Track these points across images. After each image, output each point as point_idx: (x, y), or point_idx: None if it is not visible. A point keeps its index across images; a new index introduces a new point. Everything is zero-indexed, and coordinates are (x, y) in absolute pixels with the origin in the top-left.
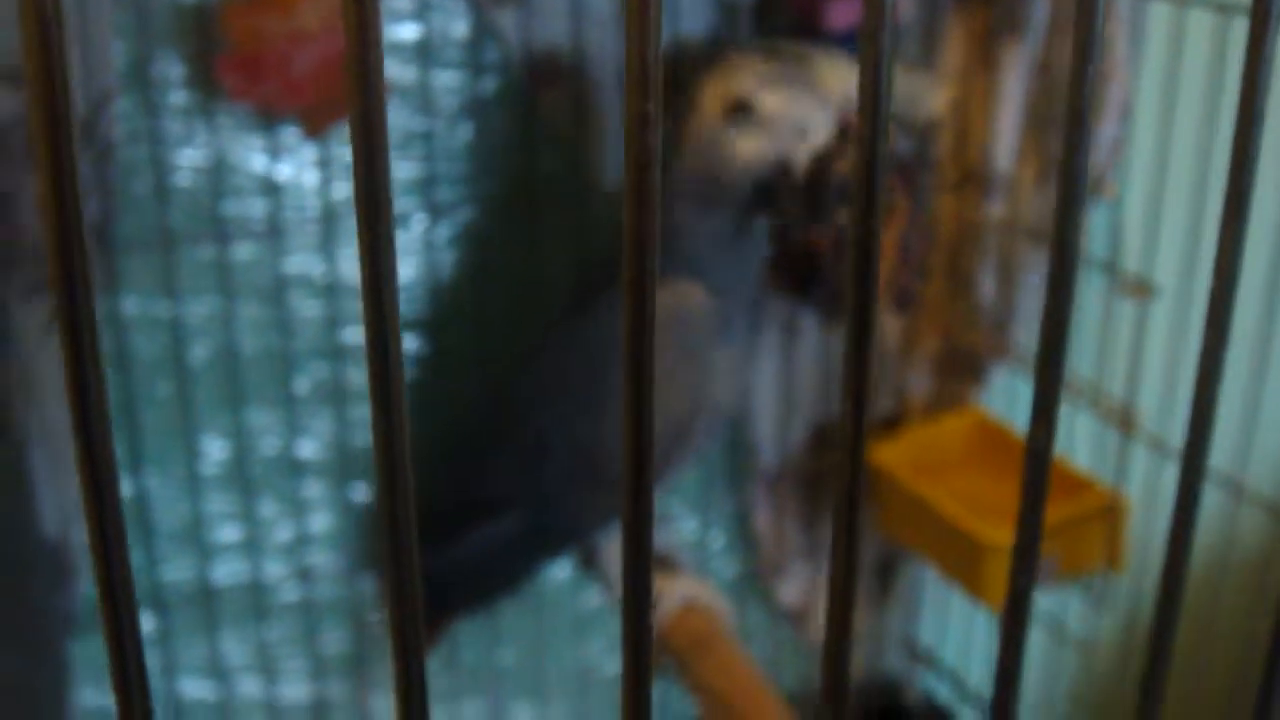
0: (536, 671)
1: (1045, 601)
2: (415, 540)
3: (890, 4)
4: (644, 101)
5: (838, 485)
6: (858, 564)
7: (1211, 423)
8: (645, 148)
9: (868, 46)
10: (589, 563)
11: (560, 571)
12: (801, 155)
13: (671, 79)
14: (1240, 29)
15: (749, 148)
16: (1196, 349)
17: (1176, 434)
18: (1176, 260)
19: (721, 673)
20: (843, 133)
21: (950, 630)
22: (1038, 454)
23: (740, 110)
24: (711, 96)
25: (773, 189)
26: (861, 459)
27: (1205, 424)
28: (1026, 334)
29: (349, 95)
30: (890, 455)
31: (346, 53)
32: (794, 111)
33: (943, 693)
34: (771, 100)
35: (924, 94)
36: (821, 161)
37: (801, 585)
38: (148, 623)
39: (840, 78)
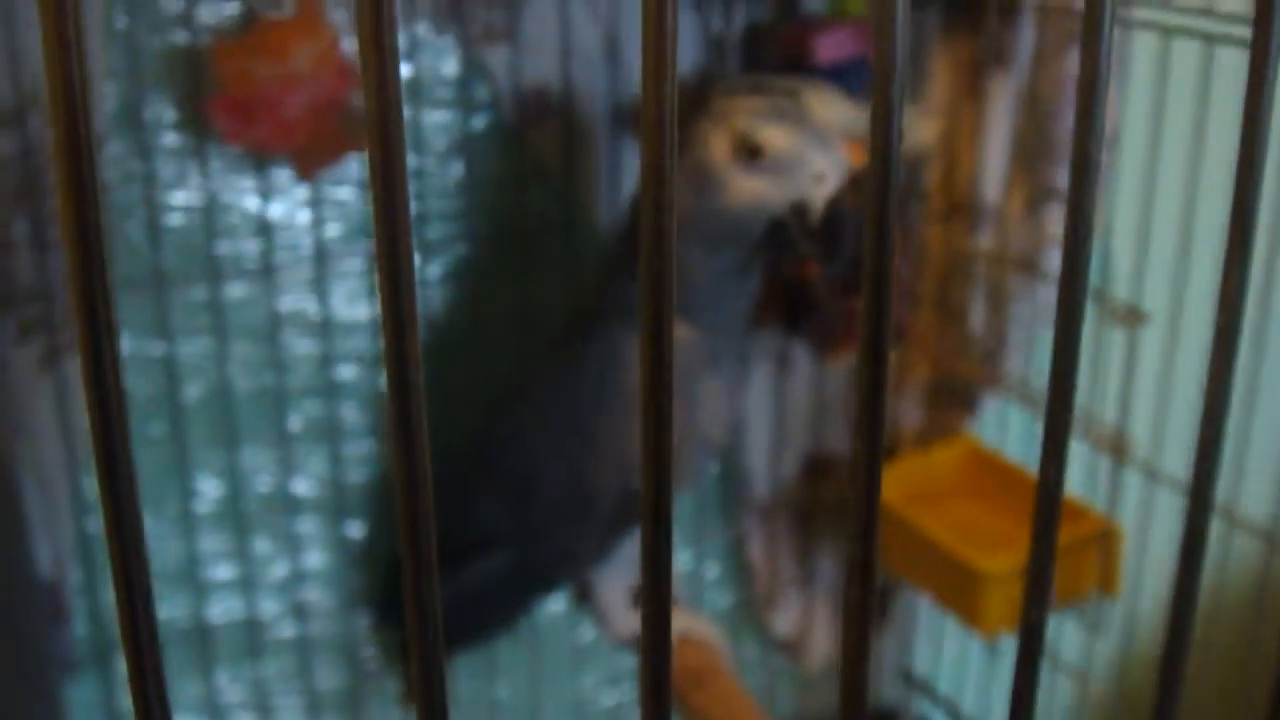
0: (533, 705)
1: None
2: (434, 561)
3: (902, 52)
4: (660, 154)
5: (853, 521)
6: (873, 598)
7: (1219, 455)
8: (661, 202)
9: (879, 96)
10: (582, 597)
11: (555, 605)
12: (817, 197)
13: None
14: (1226, 58)
15: (759, 190)
16: (1187, 375)
17: (1169, 460)
18: (1165, 287)
19: (718, 704)
20: (855, 181)
21: (944, 658)
22: (1049, 492)
23: (751, 153)
24: (715, 137)
25: (789, 230)
26: (877, 494)
27: (1212, 457)
28: (1016, 363)
29: (370, 140)
30: (883, 484)
31: (366, 104)
32: (805, 154)
33: (936, 719)
34: (781, 142)
35: (913, 126)
36: (836, 204)
37: (795, 616)
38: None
39: (831, 111)
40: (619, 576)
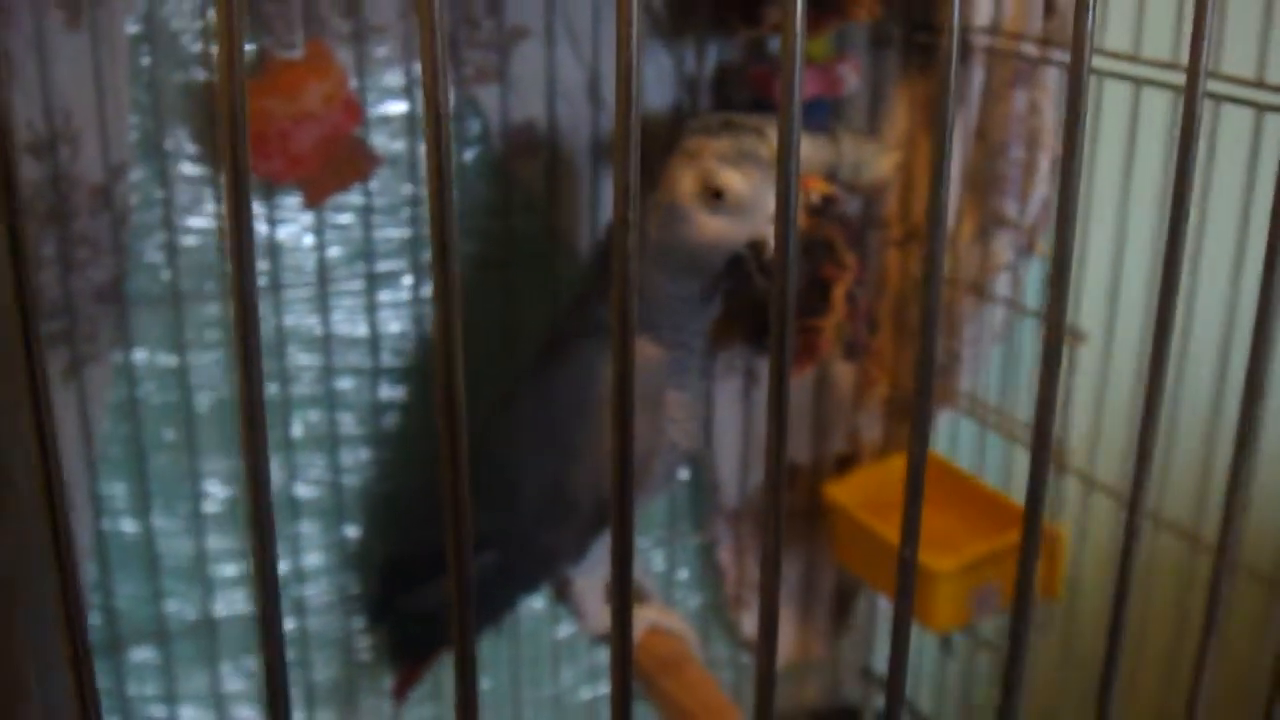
0: (514, 699)
1: (986, 629)
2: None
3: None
4: (625, 209)
5: (768, 491)
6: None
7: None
8: (624, 248)
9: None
10: (560, 595)
11: (535, 603)
12: (772, 235)
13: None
14: (1149, 100)
15: (720, 229)
16: (1119, 389)
17: (1102, 468)
18: (1101, 309)
19: (686, 691)
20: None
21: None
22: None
23: (714, 194)
24: (684, 176)
25: (744, 265)
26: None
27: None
28: (967, 380)
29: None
30: (844, 492)
31: (426, 135)
32: (762, 196)
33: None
34: (740, 186)
35: (871, 159)
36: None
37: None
38: (152, 653)
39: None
40: (595, 574)
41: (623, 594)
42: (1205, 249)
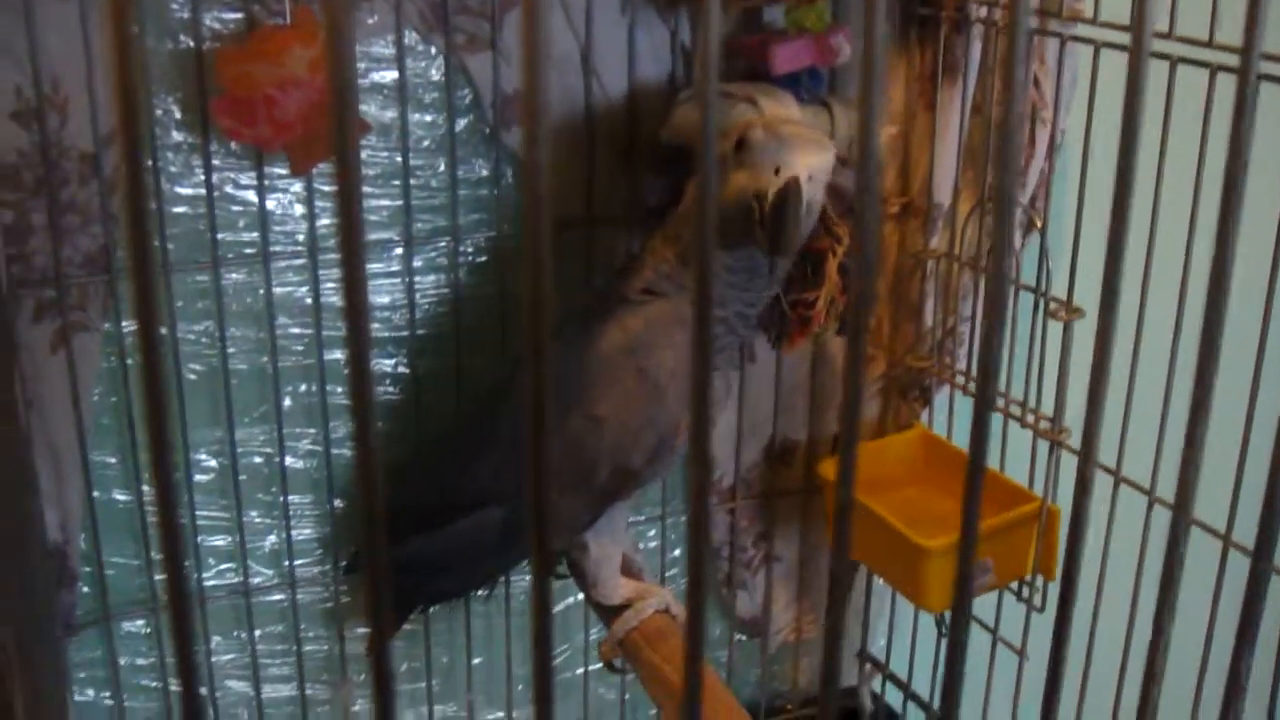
0: (508, 675)
1: (980, 606)
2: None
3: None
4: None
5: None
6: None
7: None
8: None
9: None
10: (573, 565)
11: (529, 580)
12: (772, 189)
13: (633, 119)
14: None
15: (740, 182)
16: (1118, 365)
17: (1102, 446)
18: (1096, 285)
19: (667, 660)
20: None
21: (896, 638)
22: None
23: (736, 148)
24: (724, 139)
25: (751, 215)
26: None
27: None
28: (963, 357)
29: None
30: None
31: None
32: (769, 150)
33: (892, 697)
34: (760, 136)
35: None
36: (783, 195)
37: (756, 597)
38: (142, 624)
39: (784, 115)
40: (612, 543)
41: (696, 564)
42: (1201, 218)
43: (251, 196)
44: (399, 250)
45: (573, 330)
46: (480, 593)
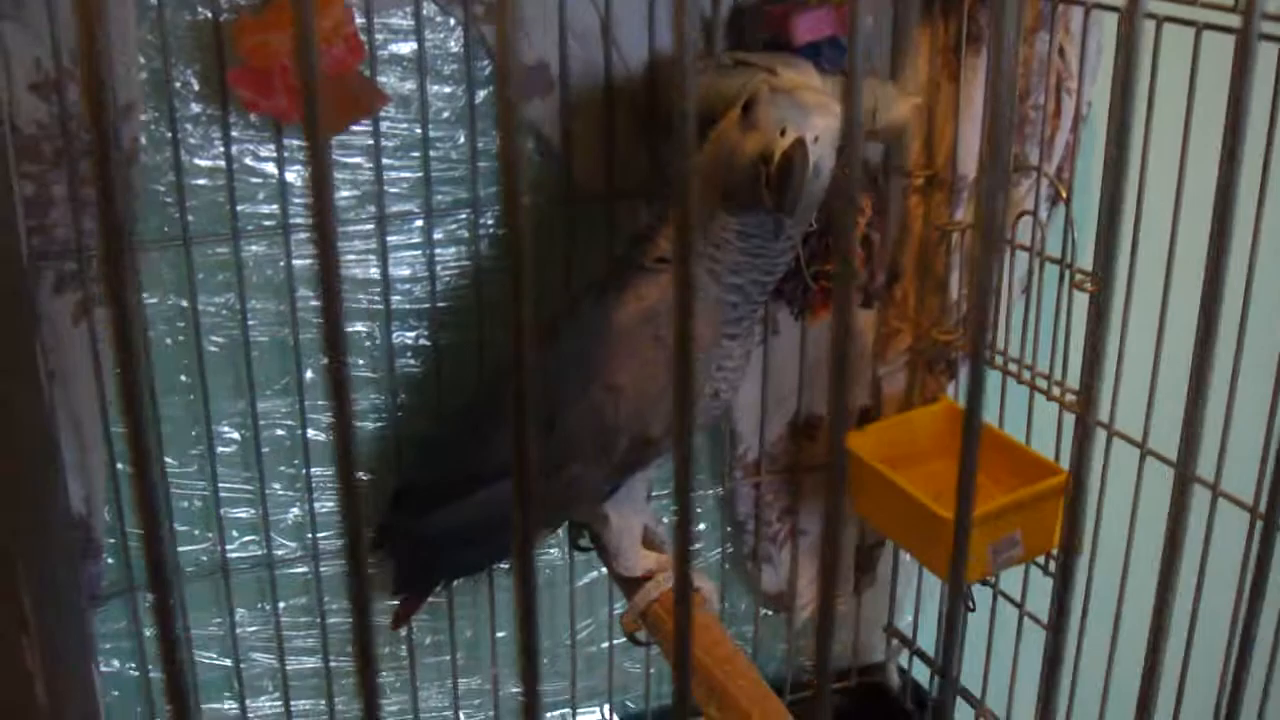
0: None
1: (1008, 580)
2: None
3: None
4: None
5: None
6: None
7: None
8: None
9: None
10: (594, 536)
11: (554, 554)
12: (778, 149)
13: (653, 89)
14: (1167, 40)
15: (748, 144)
16: (1142, 340)
17: (1124, 419)
18: (1124, 257)
19: (696, 637)
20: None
21: (925, 614)
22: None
23: (744, 110)
24: (736, 104)
25: (756, 181)
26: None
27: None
28: (990, 331)
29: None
30: (863, 444)
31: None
32: (776, 112)
33: (919, 672)
34: (765, 96)
35: (888, 102)
36: (789, 156)
37: (783, 572)
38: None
39: (801, 82)
40: (632, 515)
41: (684, 534)
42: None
43: (271, 169)
44: (419, 222)
45: (591, 300)
46: (503, 566)
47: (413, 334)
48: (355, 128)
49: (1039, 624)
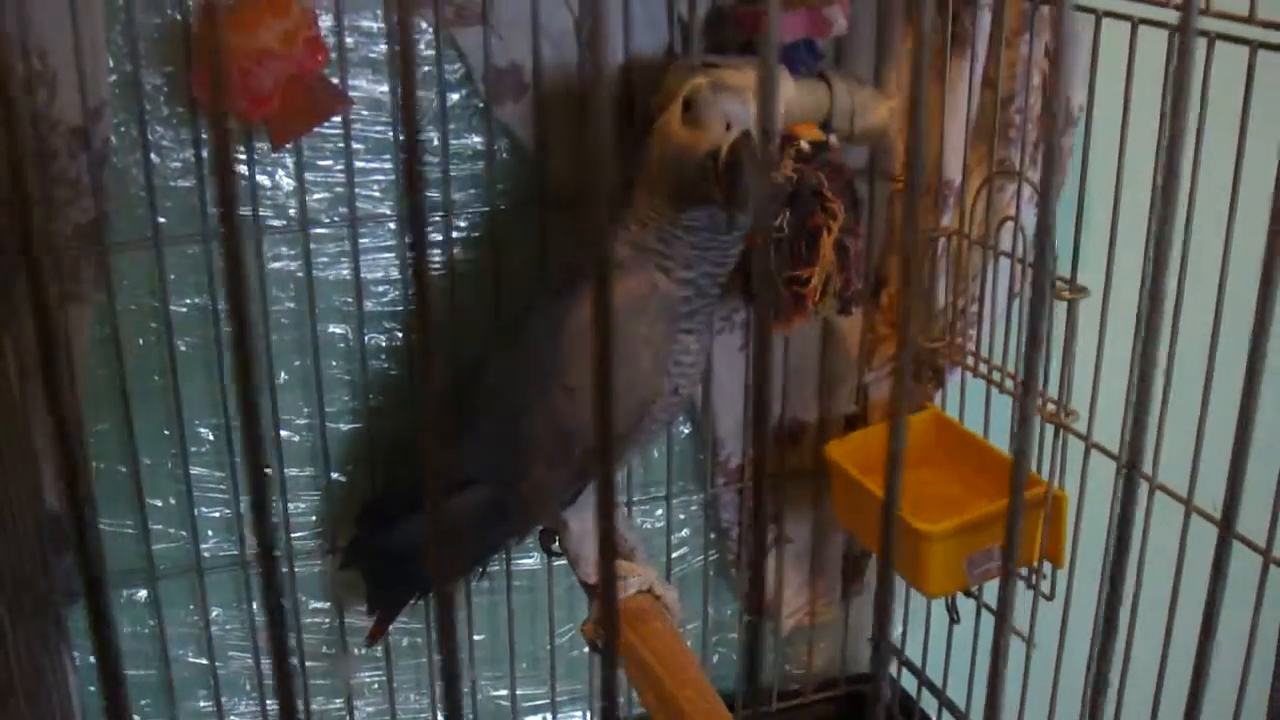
0: (511, 653)
1: (989, 592)
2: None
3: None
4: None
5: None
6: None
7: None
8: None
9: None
10: (561, 543)
11: (530, 561)
12: (725, 145)
13: (628, 90)
14: (1146, 41)
15: (687, 138)
16: (1119, 348)
17: (1101, 430)
18: (1100, 265)
19: (645, 641)
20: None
21: (912, 625)
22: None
23: (685, 107)
24: (676, 102)
25: (706, 174)
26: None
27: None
28: (975, 339)
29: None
30: (843, 452)
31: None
32: (722, 108)
33: (907, 682)
34: (705, 93)
35: (867, 106)
36: (735, 151)
37: (769, 580)
38: (141, 594)
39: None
40: (590, 521)
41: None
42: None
43: (243, 170)
44: (392, 225)
45: (545, 306)
46: (476, 577)
47: (385, 336)
48: (327, 129)
49: (1020, 637)
